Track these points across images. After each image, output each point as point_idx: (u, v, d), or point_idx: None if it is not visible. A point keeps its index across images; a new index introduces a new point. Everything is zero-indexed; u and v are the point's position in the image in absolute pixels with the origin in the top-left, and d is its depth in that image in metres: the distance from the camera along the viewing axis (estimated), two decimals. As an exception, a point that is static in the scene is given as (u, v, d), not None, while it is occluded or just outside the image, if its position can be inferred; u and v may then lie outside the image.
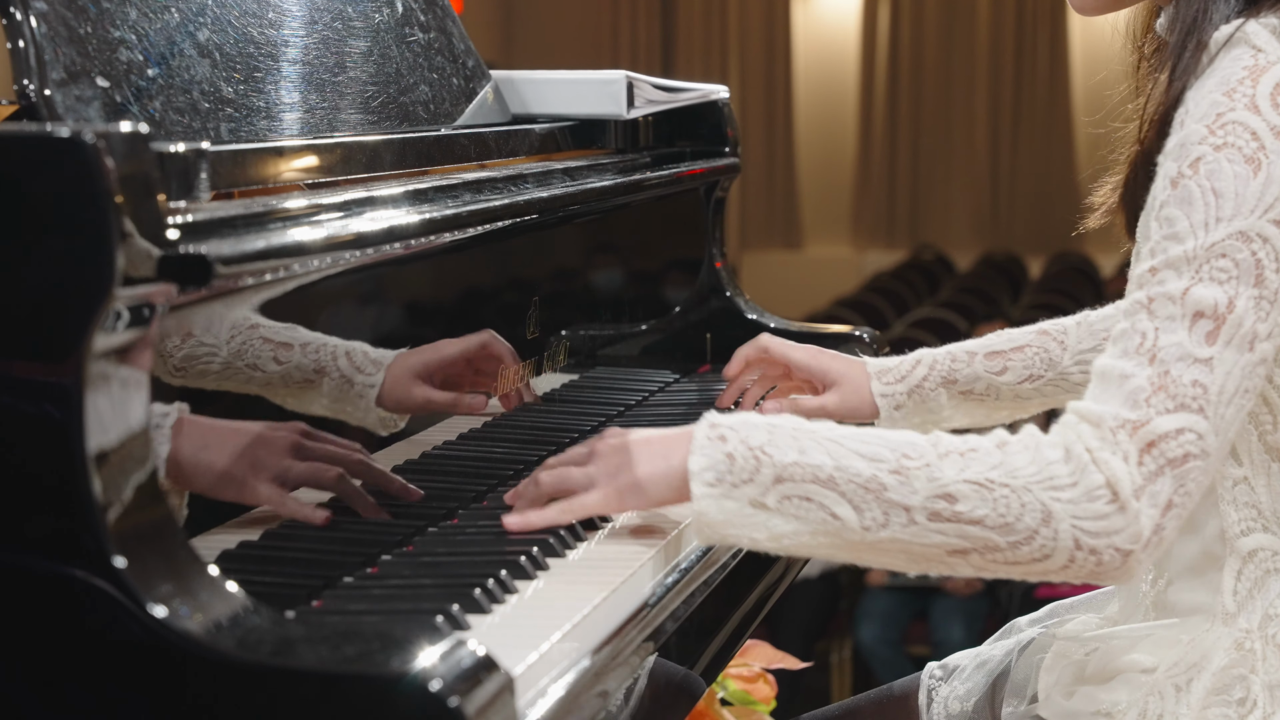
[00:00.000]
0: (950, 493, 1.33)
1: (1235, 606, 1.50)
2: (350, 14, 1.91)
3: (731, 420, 1.42)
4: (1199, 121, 1.38)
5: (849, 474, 1.35)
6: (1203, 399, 1.33)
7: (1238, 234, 1.35)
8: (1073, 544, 1.32)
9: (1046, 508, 1.32)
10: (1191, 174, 1.37)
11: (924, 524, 1.34)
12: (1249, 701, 1.46)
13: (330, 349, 1.54)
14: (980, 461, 1.34)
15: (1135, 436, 1.32)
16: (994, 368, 1.90)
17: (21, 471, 1.12)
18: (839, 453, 1.36)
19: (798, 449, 1.37)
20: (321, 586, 1.36)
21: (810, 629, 5.33)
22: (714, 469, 1.39)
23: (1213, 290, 1.34)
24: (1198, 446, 1.33)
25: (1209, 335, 1.34)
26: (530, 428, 1.92)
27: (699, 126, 2.47)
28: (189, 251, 1.19)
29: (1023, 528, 1.33)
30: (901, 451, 1.36)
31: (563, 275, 2.18)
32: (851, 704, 1.87)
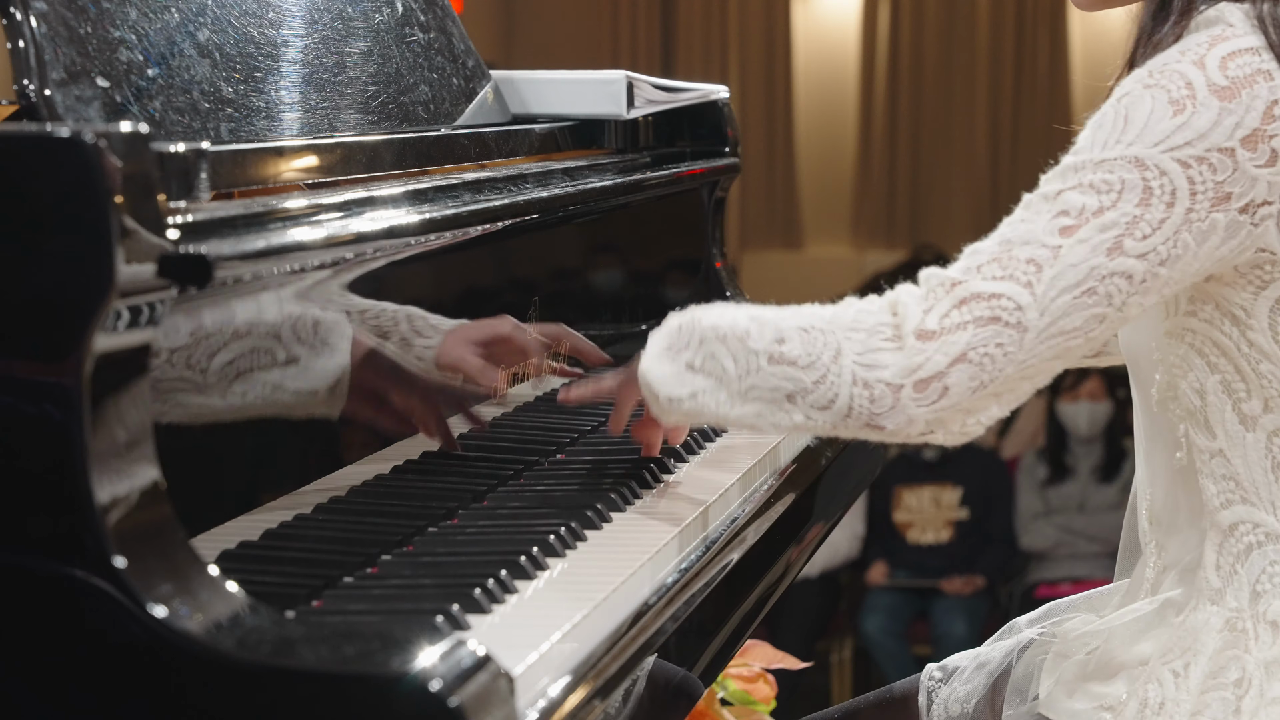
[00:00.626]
0: (783, 335, 1.43)
1: (1220, 582, 1.50)
2: (350, 14, 1.91)
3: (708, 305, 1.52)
4: (1145, 69, 1.40)
5: (733, 328, 1.46)
6: (1033, 275, 1.37)
7: (1133, 159, 1.37)
8: (850, 379, 1.38)
9: (839, 345, 1.39)
10: (1115, 102, 1.40)
11: (765, 367, 1.43)
12: (1244, 681, 1.46)
13: (391, 314, 1.66)
14: (819, 313, 1.43)
15: (951, 292, 1.38)
16: None
17: (21, 471, 1.12)
18: (740, 314, 1.47)
19: (720, 315, 1.48)
20: (321, 586, 1.36)
21: (810, 629, 5.33)
22: (666, 337, 1.52)
23: (1085, 197, 1.38)
24: (1012, 316, 1.36)
25: (1064, 230, 1.37)
26: (530, 428, 1.92)
27: (699, 126, 2.47)
28: (189, 251, 1.19)
29: (819, 365, 1.40)
30: (779, 312, 1.46)
31: (563, 275, 2.18)
32: (851, 706, 1.88)
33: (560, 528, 1.52)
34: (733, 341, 1.46)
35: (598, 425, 1.99)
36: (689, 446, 1.89)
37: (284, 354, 1.49)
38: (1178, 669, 1.50)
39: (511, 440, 1.85)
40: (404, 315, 1.68)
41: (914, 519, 5.39)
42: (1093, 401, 5.38)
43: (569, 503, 1.63)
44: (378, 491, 1.62)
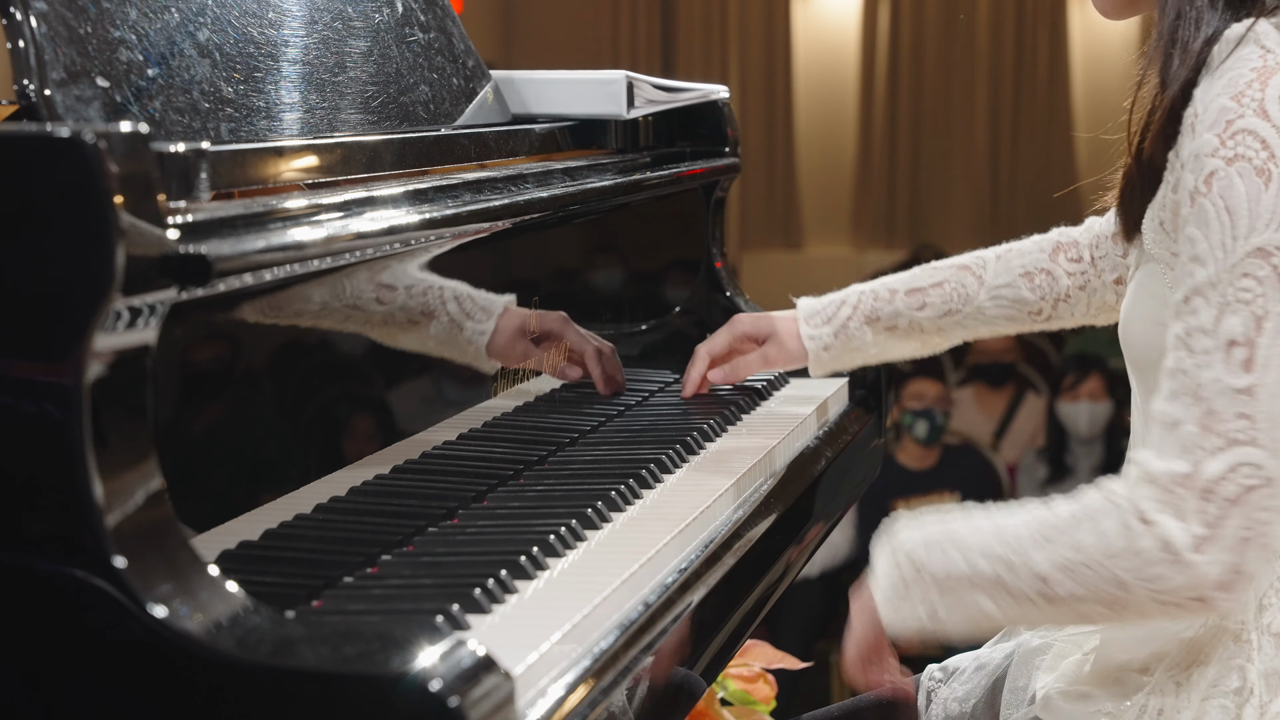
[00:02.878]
0: (1048, 579, 1.44)
1: None
2: (350, 14, 1.91)
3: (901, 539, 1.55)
4: (1210, 130, 1.39)
5: (979, 575, 1.47)
6: (1252, 430, 1.36)
7: (1256, 251, 1.37)
8: (1152, 602, 1.39)
9: (1118, 577, 1.40)
10: (1206, 191, 1.39)
11: (1045, 607, 1.45)
12: (1245, 690, 1.46)
13: (438, 291, 1.71)
14: (1060, 543, 1.43)
15: (1192, 488, 1.37)
16: (914, 304, 1.98)
17: (21, 471, 1.12)
18: (971, 557, 1.48)
19: (943, 559, 1.50)
20: (321, 586, 1.36)
21: (810, 629, 5.32)
22: (890, 586, 1.54)
23: (1240, 316, 1.37)
24: (1256, 477, 1.36)
25: (1245, 363, 1.37)
26: (530, 428, 1.92)
27: (699, 126, 2.47)
28: (189, 251, 1.19)
29: (1110, 595, 1.41)
30: (1010, 546, 1.46)
31: (563, 275, 2.18)
32: (852, 704, 1.87)
33: (560, 528, 1.52)
34: (984, 586, 1.48)
35: (598, 425, 1.99)
36: (689, 447, 1.89)
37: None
38: (1180, 679, 1.50)
39: (511, 440, 1.85)
40: (451, 295, 1.74)
41: None
42: (1093, 401, 5.38)
43: (569, 503, 1.63)
44: (378, 491, 1.62)
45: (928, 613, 1.52)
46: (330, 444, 1.65)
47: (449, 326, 1.74)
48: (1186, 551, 1.37)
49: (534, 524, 1.55)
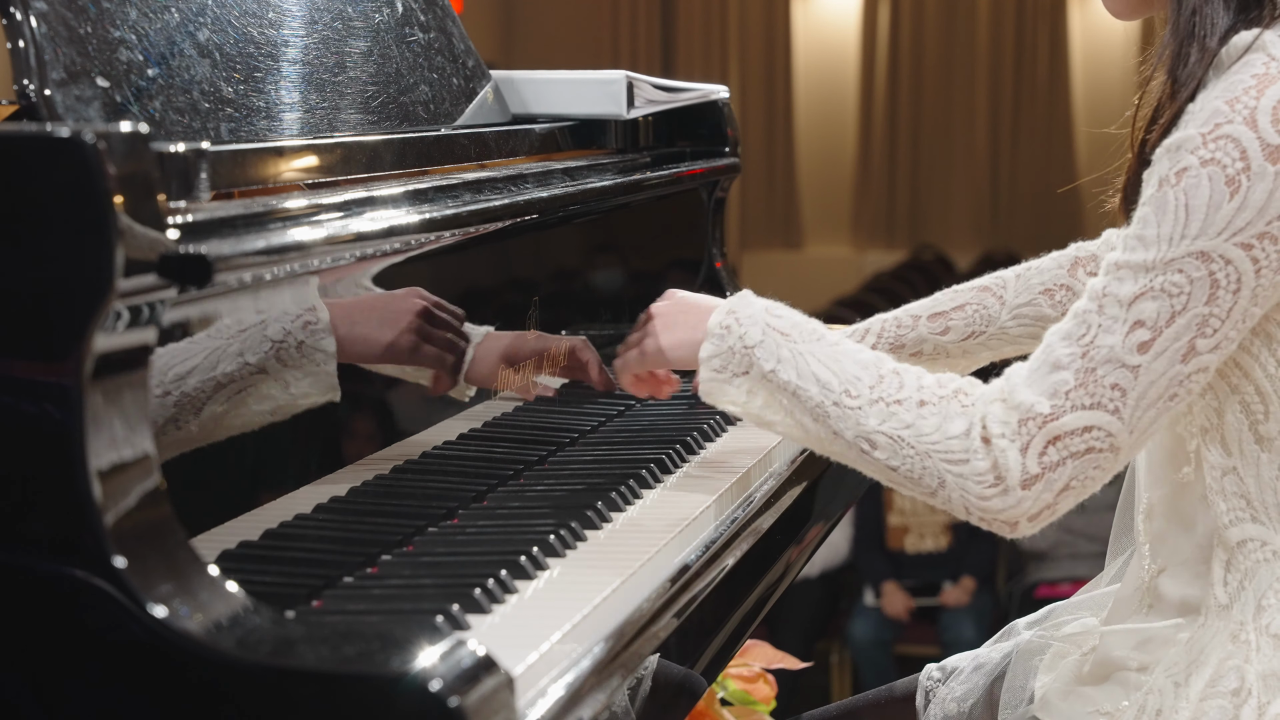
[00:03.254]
0: (871, 439, 1.48)
1: (1227, 598, 1.50)
2: (350, 14, 1.91)
3: (742, 311, 1.57)
4: (1198, 126, 1.40)
5: (806, 394, 1.51)
6: (1119, 401, 1.40)
7: (1198, 253, 1.39)
8: (964, 508, 1.44)
9: (940, 475, 1.44)
10: (1174, 182, 1.40)
11: (857, 454, 1.49)
12: (1243, 691, 1.46)
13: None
14: (898, 418, 1.47)
15: (1043, 429, 1.41)
16: (936, 329, 2.00)
17: (21, 471, 1.12)
18: (804, 372, 1.52)
19: (776, 359, 1.54)
20: (321, 586, 1.36)
21: (810, 629, 5.33)
22: (719, 358, 1.57)
23: (1158, 304, 1.40)
24: (1105, 443, 1.41)
25: (1142, 345, 1.40)
26: (530, 428, 1.92)
27: (699, 126, 2.47)
28: (189, 251, 1.19)
29: (925, 484, 1.45)
30: (845, 386, 1.50)
31: (563, 275, 2.18)
32: (851, 704, 1.88)
33: (560, 528, 1.52)
34: (809, 406, 1.51)
35: (598, 425, 1.99)
36: (689, 447, 1.89)
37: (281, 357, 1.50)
38: (1178, 679, 1.50)
39: (511, 440, 1.85)
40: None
41: (909, 521, 5.38)
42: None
43: (569, 503, 1.63)
44: (378, 491, 1.62)
45: (744, 396, 1.56)
46: (330, 444, 1.65)
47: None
48: (1015, 483, 1.41)
49: (534, 524, 1.55)
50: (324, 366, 1.55)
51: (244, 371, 1.44)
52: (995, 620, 5.00)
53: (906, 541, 5.38)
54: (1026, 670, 1.69)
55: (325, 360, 1.55)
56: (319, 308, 1.53)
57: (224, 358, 1.41)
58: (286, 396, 1.51)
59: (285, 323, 1.49)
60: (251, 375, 1.46)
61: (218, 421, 1.42)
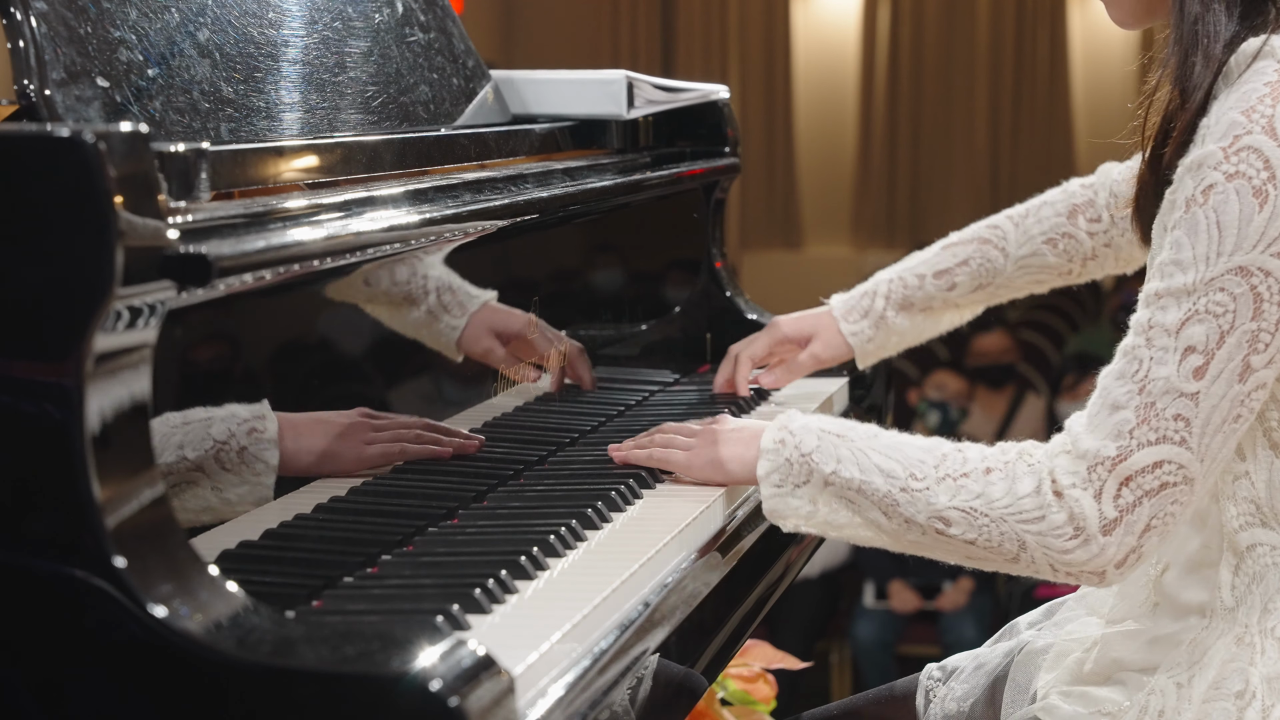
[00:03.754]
0: (944, 517, 1.47)
1: (1234, 601, 1.50)
2: (350, 14, 1.91)
3: (795, 425, 1.57)
4: (1217, 141, 1.40)
5: (872, 488, 1.51)
6: (1185, 431, 1.40)
7: (1237, 269, 1.39)
8: (1049, 568, 1.44)
9: (1020, 538, 1.44)
10: (1202, 201, 1.40)
11: (933, 538, 1.48)
12: (1247, 694, 1.46)
13: (422, 280, 1.72)
14: (967, 489, 1.46)
15: (1114, 472, 1.40)
16: (943, 286, 2.06)
17: (21, 471, 1.12)
18: (866, 466, 1.51)
19: (835, 459, 1.53)
20: (321, 586, 1.36)
21: (810, 629, 5.32)
22: (777, 472, 1.56)
23: (1206, 326, 1.39)
24: (1178, 476, 1.40)
25: (1197, 371, 1.39)
26: (530, 427, 1.92)
27: (699, 126, 2.47)
28: (189, 251, 1.19)
29: (1006, 551, 1.45)
30: (910, 470, 1.49)
31: (563, 275, 2.18)
32: (851, 703, 1.88)
33: (560, 528, 1.52)
34: (876, 499, 1.50)
35: (598, 425, 1.99)
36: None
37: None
38: (1181, 680, 1.50)
39: (511, 440, 1.85)
40: (435, 285, 1.74)
41: None
42: (1093, 401, 5.37)
43: (569, 503, 1.63)
44: (378, 491, 1.62)
45: (808, 506, 1.55)
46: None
47: (426, 316, 1.75)
48: (1095, 531, 1.41)
49: (534, 524, 1.55)
50: (262, 478, 1.50)
51: (180, 466, 1.40)
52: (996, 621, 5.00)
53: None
54: (1029, 670, 1.69)
55: (265, 471, 1.50)
56: (268, 416, 1.50)
57: (165, 448, 1.36)
58: (218, 500, 1.45)
59: (231, 425, 1.45)
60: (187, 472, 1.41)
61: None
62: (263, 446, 1.49)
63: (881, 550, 1.57)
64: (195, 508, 1.42)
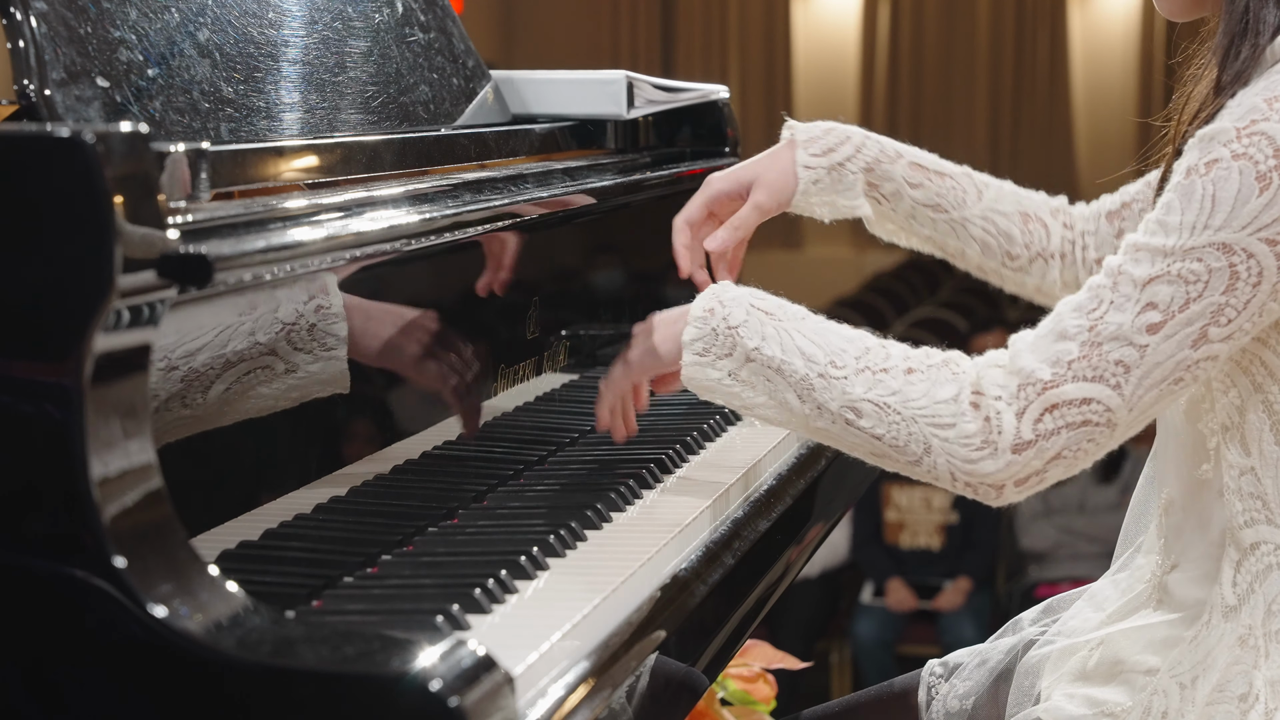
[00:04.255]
0: (856, 408, 1.48)
1: (1236, 600, 1.50)
2: (350, 14, 1.91)
3: (725, 295, 1.57)
4: (1233, 120, 1.41)
5: (790, 368, 1.51)
6: (1122, 376, 1.40)
7: (1220, 244, 1.39)
8: (949, 475, 1.44)
9: (926, 440, 1.45)
10: (1204, 172, 1.40)
11: (841, 427, 1.49)
12: (1251, 696, 1.46)
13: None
14: (885, 385, 1.47)
15: (1042, 396, 1.41)
16: (912, 179, 1.90)
17: (21, 471, 1.12)
18: (789, 346, 1.52)
19: (760, 336, 1.53)
20: (321, 586, 1.36)
21: (810, 629, 5.33)
22: (701, 341, 1.56)
23: (1173, 289, 1.40)
24: (1103, 417, 1.41)
25: (1151, 326, 1.40)
26: (530, 428, 1.92)
27: (699, 126, 2.47)
28: (189, 251, 1.19)
29: (910, 452, 1.46)
30: (831, 357, 1.50)
31: (563, 275, 2.18)
32: (852, 700, 1.87)
33: (560, 528, 1.52)
34: (793, 381, 1.51)
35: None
36: (689, 447, 1.89)
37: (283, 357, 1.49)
38: (1185, 681, 1.50)
39: (511, 440, 1.85)
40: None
41: (904, 519, 5.38)
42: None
43: (569, 503, 1.63)
44: (378, 491, 1.62)
45: (727, 378, 1.55)
46: (330, 444, 1.64)
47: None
48: (1006, 446, 1.42)
49: (534, 524, 1.55)
50: (335, 351, 1.52)
51: (254, 351, 1.42)
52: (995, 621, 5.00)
53: (901, 538, 5.38)
54: (1033, 670, 1.68)
55: (336, 345, 1.52)
56: (333, 293, 1.52)
57: (235, 336, 1.39)
58: (296, 380, 1.48)
59: (298, 304, 1.47)
60: (261, 356, 1.44)
61: (226, 405, 1.40)
62: (330, 321, 1.51)
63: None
64: (275, 393, 1.45)
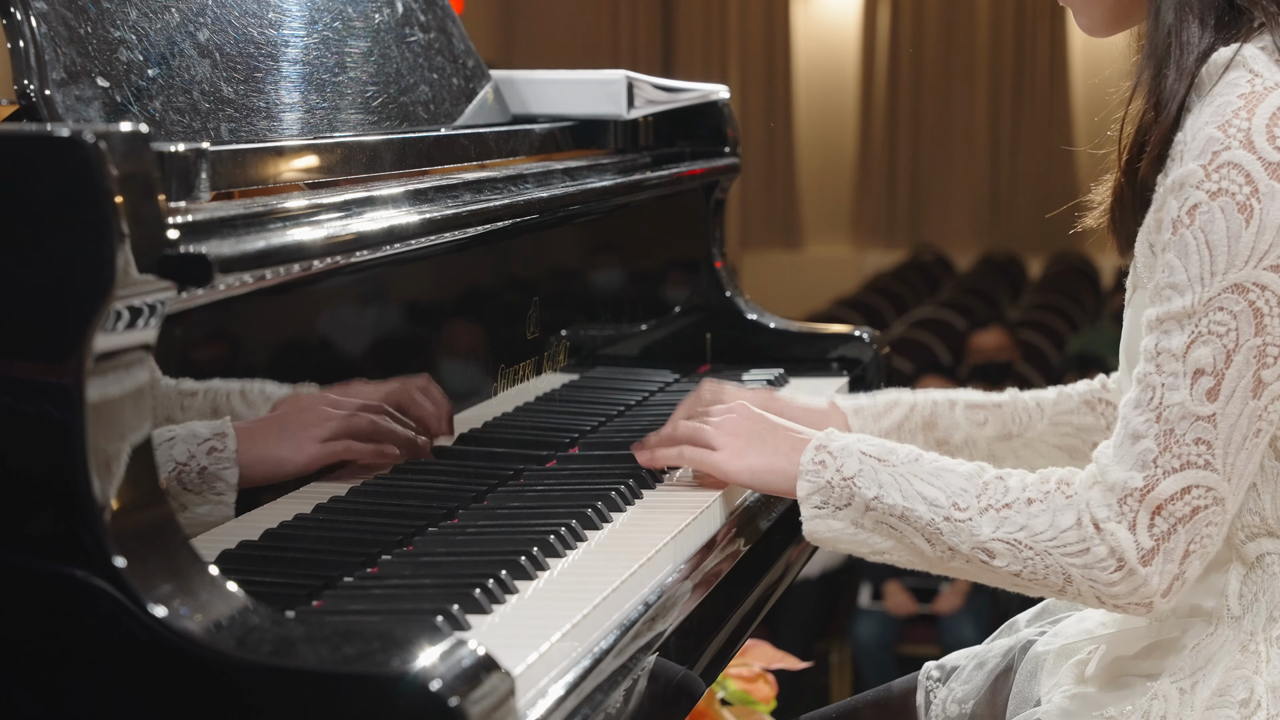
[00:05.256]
0: (988, 548, 1.48)
1: (1240, 610, 1.50)
2: (350, 14, 1.91)
3: (835, 445, 1.57)
4: (1196, 159, 1.40)
5: (915, 515, 1.51)
6: (1208, 454, 1.40)
7: (1233, 287, 1.39)
8: (1096, 599, 1.45)
9: (1065, 571, 1.45)
10: (1189, 222, 1.40)
11: (978, 567, 1.50)
12: (1252, 702, 1.46)
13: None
14: (1011, 521, 1.47)
15: (1144, 502, 1.41)
16: (976, 419, 1.88)
17: (21, 471, 1.12)
18: (909, 492, 1.52)
19: (878, 484, 1.53)
20: (321, 586, 1.36)
21: (810, 629, 5.33)
22: (819, 494, 1.56)
23: (1211, 347, 1.40)
24: (1208, 498, 1.41)
25: (1209, 392, 1.40)
26: (530, 428, 1.92)
27: (699, 126, 2.47)
28: (189, 251, 1.19)
29: (1052, 583, 1.46)
30: (954, 500, 1.50)
31: (563, 275, 2.18)
32: (849, 704, 1.87)
33: (560, 528, 1.52)
34: (919, 526, 1.51)
35: (598, 426, 1.99)
36: (689, 446, 1.89)
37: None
38: (1185, 686, 1.50)
39: (511, 440, 1.85)
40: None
41: None
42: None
43: (569, 503, 1.63)
44: (378, 491, 1.62)
45: (850, 528, 1.54)
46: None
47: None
48: (1134, 562, 1.42)
49: (534, 524, 1.55)
50: (223, 496, 1.42)
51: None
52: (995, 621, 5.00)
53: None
54: (1032, 673, 1.68)
55: (225, 490, 1.41)
56: (228, 434, 1.40)
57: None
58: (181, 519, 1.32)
59: (191, 445, 1.37)
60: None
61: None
62: (222, 465, 1.41)
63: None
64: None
